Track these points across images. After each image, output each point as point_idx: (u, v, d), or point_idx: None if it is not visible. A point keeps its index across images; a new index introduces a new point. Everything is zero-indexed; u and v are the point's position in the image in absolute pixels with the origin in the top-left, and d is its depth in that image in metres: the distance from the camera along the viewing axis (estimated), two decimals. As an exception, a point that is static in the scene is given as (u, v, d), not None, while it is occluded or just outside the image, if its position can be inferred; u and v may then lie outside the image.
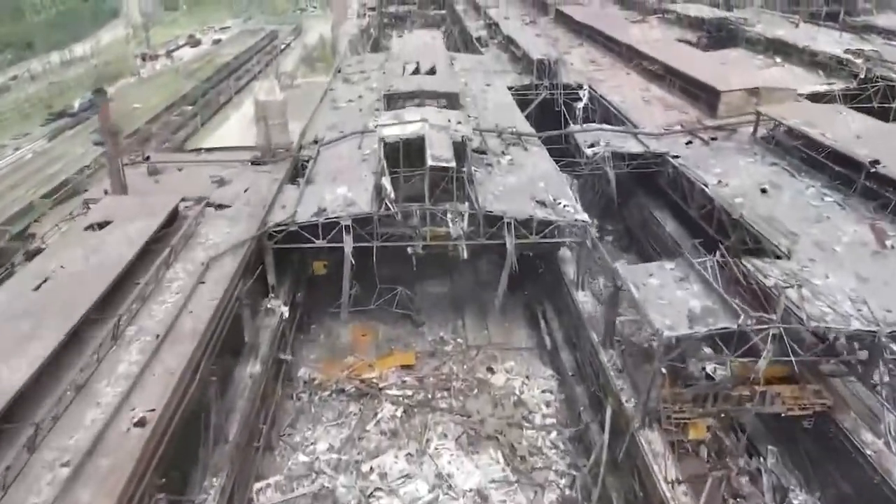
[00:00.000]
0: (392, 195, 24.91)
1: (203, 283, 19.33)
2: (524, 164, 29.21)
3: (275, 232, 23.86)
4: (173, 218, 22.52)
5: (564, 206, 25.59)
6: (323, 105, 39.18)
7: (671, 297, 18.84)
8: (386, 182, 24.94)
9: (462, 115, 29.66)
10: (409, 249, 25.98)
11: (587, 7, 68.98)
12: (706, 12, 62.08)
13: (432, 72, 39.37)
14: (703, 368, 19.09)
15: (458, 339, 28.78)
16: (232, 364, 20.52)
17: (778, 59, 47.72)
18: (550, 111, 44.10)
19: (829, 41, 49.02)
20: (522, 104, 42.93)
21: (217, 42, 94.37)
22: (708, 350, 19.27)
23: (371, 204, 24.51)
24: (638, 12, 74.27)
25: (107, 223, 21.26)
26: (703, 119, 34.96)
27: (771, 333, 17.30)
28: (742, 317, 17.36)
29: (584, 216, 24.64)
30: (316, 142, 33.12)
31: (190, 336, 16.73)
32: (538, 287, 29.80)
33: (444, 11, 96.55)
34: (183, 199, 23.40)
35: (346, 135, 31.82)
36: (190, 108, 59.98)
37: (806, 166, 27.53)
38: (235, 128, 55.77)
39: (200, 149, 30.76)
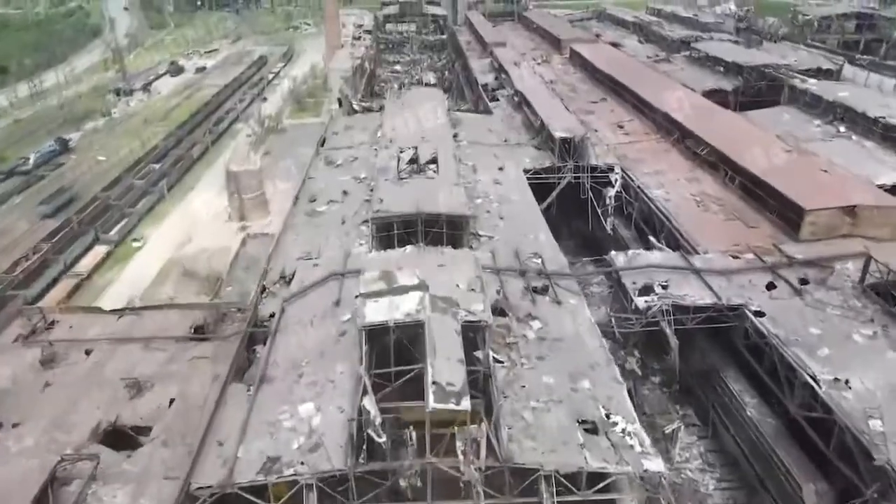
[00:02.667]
0: (378, 420, 16.80)
1: None
2: (561, 337, 20.95)
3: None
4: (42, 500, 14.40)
5: (623, 431, 17.48)
6: (299, 206, 30.97)
7: None
8: (369, 404, 16.82)
9: (473, 268, 21.30)
10: (402, 482, 17.88)
11: (604, 46, 60.51)
12: (742, 56, 53.74)
13: (433, 163, 31.21)
14: None
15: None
16: None
17: (842, 129, 39.64)
18: (575, 197, 36.11)
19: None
20: (541, 189, 35.00)
21: (201, 70, 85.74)
22: None
23: (347, 449, 16.37)
24: (660, 48, 66.09)
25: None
26: (778, 238, 26.84)
27: None
28: None
29: (658, 463, 16.50)
30: (283, 277, 25.09)
31: None
32: None
33: (444, 36, 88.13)
34: (62, 460, 15.21)
35: (320, 280, 23.64)
36: (157, 165, 51.59)
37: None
38: (206, 197, 47.41)
39: (124, 309, 22.55)
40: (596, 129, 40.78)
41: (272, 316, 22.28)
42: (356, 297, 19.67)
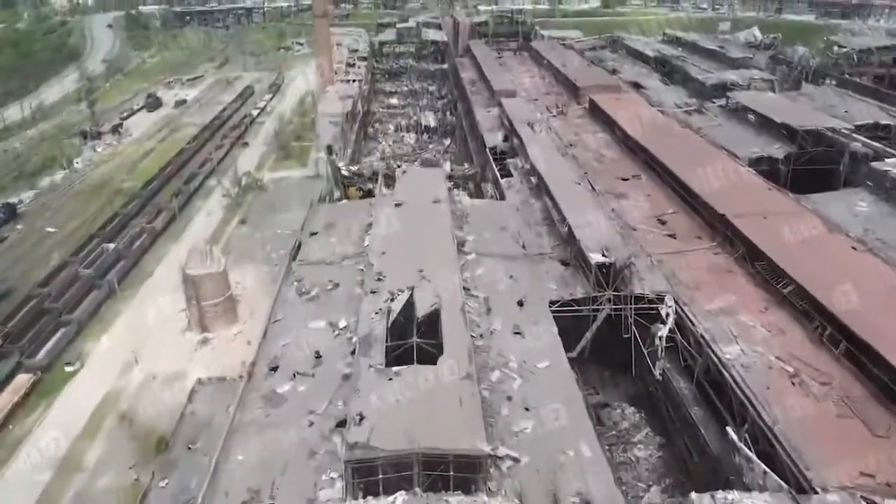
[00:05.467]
0: None
1: None
2: None
3: None
4: None
5: None
6: (255, 381, 22.44)
7: None
8: None
9: None
10: None
11: (629, 98, 51.72)
12: (792, 115, 45.11)
13: (434, 320, 22.84)
14: None
15: None
16: None
17: (941, 232, 31.21)
18: (616, 334, 27.80)
19: None
20: (571, 322, 26.84)
21: (181, 104, 76.97)
22: None
23: None
24: (688, 91, 57.52)
25: None
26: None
27: None
28: None
29: None
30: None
31: None
32: None
33: (444, 66, 79.45)
34: None
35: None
36: (111, 245, 43.03)
37: None
38: (164, 289, 38.72)
39: None
40: (634, 228, 32.42)
41: None
42: None
